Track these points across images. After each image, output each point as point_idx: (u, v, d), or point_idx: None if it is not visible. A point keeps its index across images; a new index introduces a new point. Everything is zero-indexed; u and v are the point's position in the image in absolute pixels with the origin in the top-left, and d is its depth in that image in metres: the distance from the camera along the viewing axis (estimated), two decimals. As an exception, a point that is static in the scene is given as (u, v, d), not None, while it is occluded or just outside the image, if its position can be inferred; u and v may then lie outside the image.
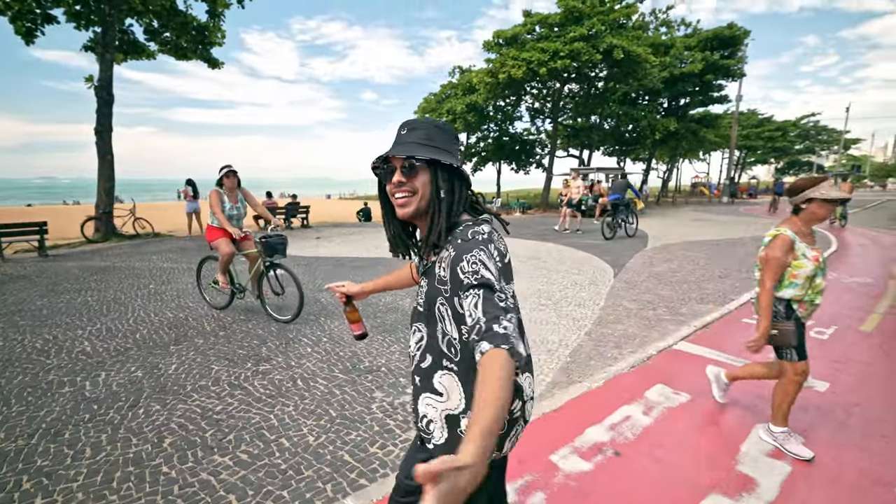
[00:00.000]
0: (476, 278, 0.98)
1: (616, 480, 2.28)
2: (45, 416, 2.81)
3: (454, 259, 1.05)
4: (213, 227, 4.81)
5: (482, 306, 0.94)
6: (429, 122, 1.14)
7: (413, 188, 1.10)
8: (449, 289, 1.08)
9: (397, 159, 1.11)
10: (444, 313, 1.11)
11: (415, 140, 1.11)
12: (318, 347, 4.04)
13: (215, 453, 2.47)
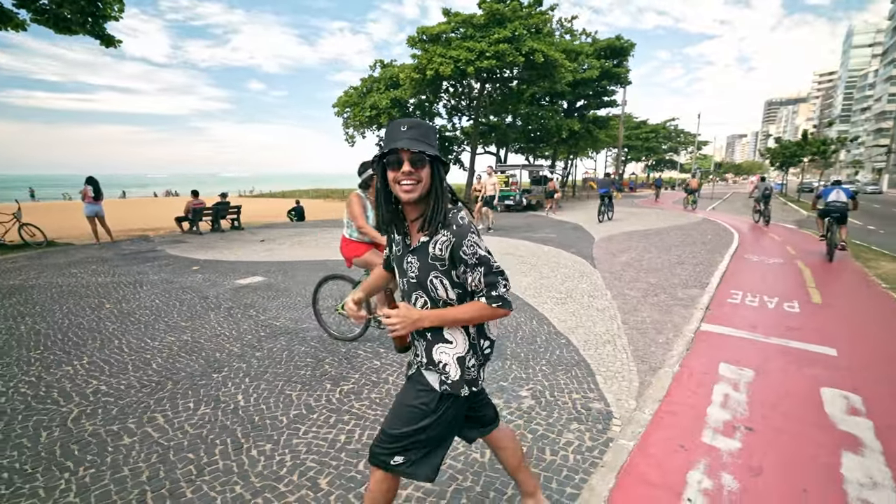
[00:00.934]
0: (477, 258, 1.35)
1: (768, 452, 2.55)
2: (134, 489, 2.26)
3: (455, 245, 1.34)
4: (352, 240, 3.93)
5: (485, 278, 1.36)
6: (422, 122, 1.32)
7: (419, 178, 1.31)
8: (447, 265, 1.38)
9: (406, 152, 1.29)
10: (438, 284, 1.40)
11: (414, 137, 1.30)
12: (385, 357, 3.78)
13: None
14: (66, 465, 2.36)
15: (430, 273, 1.40)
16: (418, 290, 1.44)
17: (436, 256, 1.38)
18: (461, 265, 1.37)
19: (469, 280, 1.39)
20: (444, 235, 1.36)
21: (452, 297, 1.42)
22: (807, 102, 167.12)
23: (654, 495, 2.18)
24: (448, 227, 1.36)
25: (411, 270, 1.43)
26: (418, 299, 1.45)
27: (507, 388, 3.25)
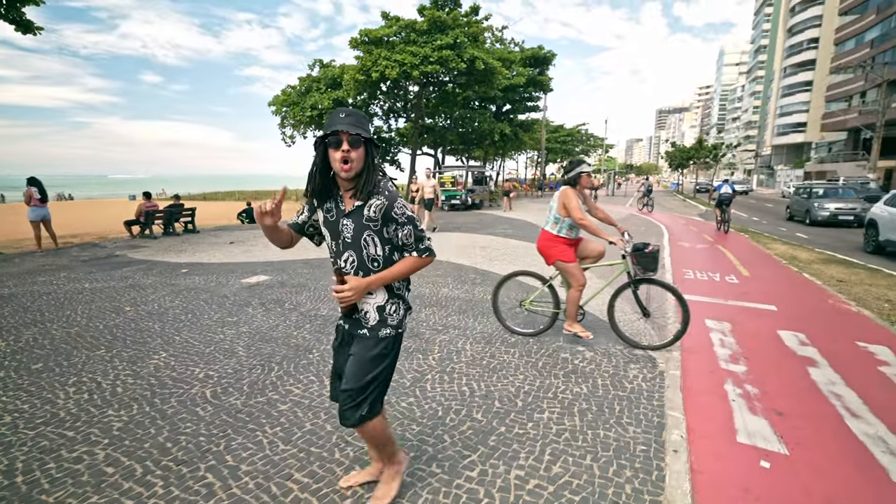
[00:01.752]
0: (406, 217, 1.69)
1: (766, 371, 3.59)
2: (332, 435, 2.67)
3: (387, 207, 1.65)
4: (559, 238, 3.90)
5: (413, 233, 1.71)
6: (357, 111, 1.63)
7: (355, 156, 1.59)
8: (379, 225, 1.67)
9: (345, 133, 1.56)
10: (370, 241, 1.69)
11: (352, 122, 1.57)
12: (594, 348, 4.36)
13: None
14: (252, 427, 2.70)
15: (364, 232, 1.68)
16: (350, 250, 1.71)
17: (370, 218, 1.66)
18: (392, 224, 1.68)
19: (400, 235, 1.70)
20: (377, 200, 1.65)
21: (381, 252, 1.71)
22: (690, 111, 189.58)
23: (711, 400, 3.08)
24: (381, 193, 1.66)
25: (346, 231, 1.69)
26: (349, 257, 1.72)
27: (568, 347, 4.02)
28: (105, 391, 3.17)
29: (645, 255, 3.85)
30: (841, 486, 2.23)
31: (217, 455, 2.42)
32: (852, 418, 2.88)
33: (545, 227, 4.05)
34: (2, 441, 2.55)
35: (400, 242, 1.72)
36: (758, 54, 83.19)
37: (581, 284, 3.91)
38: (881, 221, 9.90)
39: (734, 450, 2.53)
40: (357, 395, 1.73)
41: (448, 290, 5.98)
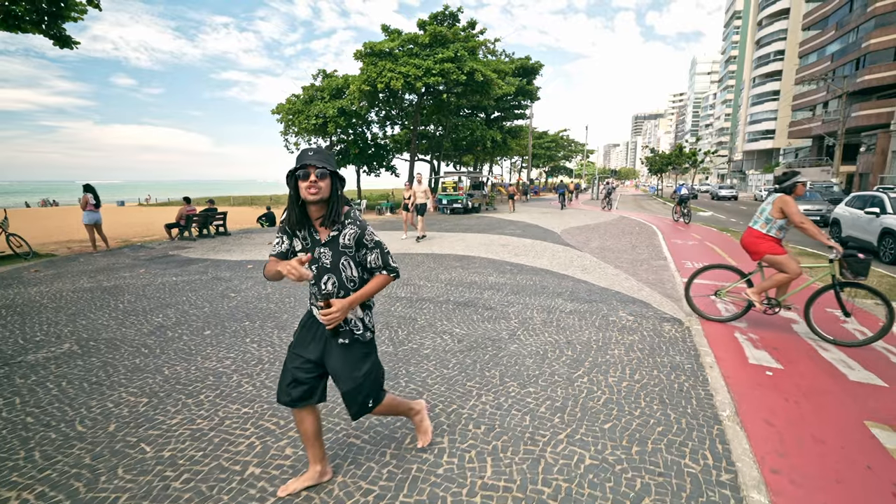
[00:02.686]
0: (374, 243, 1.98)
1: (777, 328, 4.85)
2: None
3: (359, 235, 1.94)
4: (768, 236, 4.41)
5: (381, 257, 2.00)
6: (321, 149, 1.89)
7: (321, 185, 1.85)
8: (353, 250, 1.96)
9: (312, 167, 1.83)
10: (347, 265, 1.96)
11: (318, 158, 1.85)
12: (633, 311, 5.51)
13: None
14: (406, 363, 3.79)
15: (342, 258, 1.94)
16: (329, 273, 1.96)
17: (346, 245, 1.94)
18: (363, 249, 1.96)
19: (370, 258, 1.98)
20: (350, 229, 1.93)
21: (356, 273, 1.99)
22: (665, 118, 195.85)
23: (726, 343, 4.31)
24: (353, 223, 1.94)
25: (325, 258, 1.95)
26: (329, 279, 1.97)
27: (614, 312, 5.22)
28: (277, 346, 4.21)
29: (859, 262, 4.11)
30: (817, 383, 3.47)
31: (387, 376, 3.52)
32: (823, 350, 4.14)
33: (753, 226, 4.56)
34: (249, 373, 3.60)
35: (370, 265, 2.01)
36: (728, 64, 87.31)
37: (796, 273, 4.31)
38: (843, 220, 11.48)
39: (747, 366, 3.76)
40: (359, 391, 2.06)
41: (494, 279, 7.13)
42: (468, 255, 9.41)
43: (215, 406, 3.08)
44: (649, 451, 2.55)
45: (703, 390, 3.29)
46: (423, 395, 3.20)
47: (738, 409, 3.03)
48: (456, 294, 6.08)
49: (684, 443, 2.63)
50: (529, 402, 3.11)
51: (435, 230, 14.23)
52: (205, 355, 3.97)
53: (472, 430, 2.75)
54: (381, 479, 2.32)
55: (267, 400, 3.16)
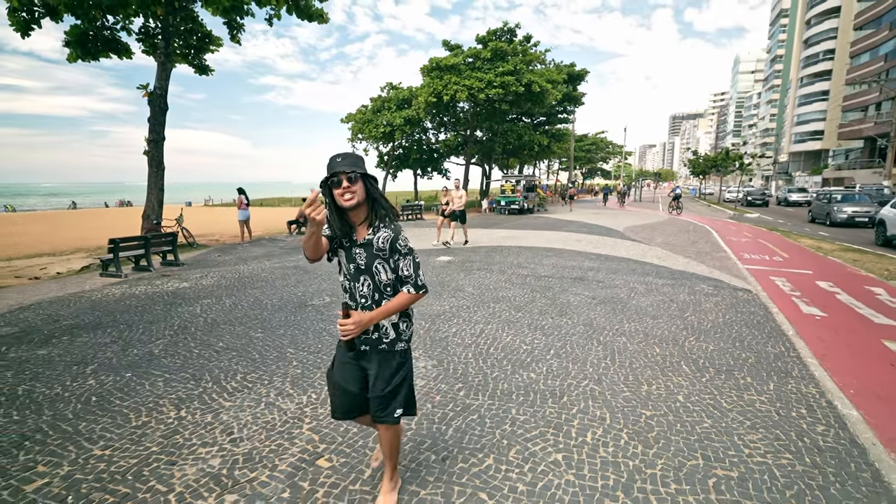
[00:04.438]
0: (407, 249, 1.95)
1: (826, 304, 6.56)
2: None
3: (393, 239, 1.93)
4: None
5: (412, 267, 1.96)
6: (351, 153, 1.90)
7: (354, 190, 1.85)
8: (387, 254, 1.94)
9: (343, 173, 1.83)
10: (381, 269, 1.95)
11: (348, 163, 1.85)
12: (710, 284, 7.38)
13: None
14: (523, 323, 5.74)
15: (376, 260, 1.94)
16: (365, 275, 1.95)
17: (380, 248, 1.92)
18: (397, 254, 1.94)
19: (401, 265, 1.94)
20: (384, 232, 1.92)
21: (391, 277, 1.97)
22: (704, 117, 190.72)
23: (784, 303, 6.06)
24: (388, 226, 1.94)
25: (360, 259, 1.95)
26: (365, 281, 1.96)
27: (697, 285, 7.02)
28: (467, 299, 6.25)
29: None
30: (852, 324, 5.21)
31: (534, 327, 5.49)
32: (858, 309, 5.84)
33: None
34: (471, 320, 5.66)
35: (401, 272, 1.94)
36: (774, 63, 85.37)
37: None
38: (888, 220, 12.69)
39: (802, 315, 5.53)
40: (389, 398, 2.01)
41: (588, 264, 9.00)
42: (553, 247, 11.30)
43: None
44: (743, 346, 4.40)
45: (773, 324, 5.10)
46: (575, 331, 5.13)
47: (797, 331, 4.85)
48: (566, 273, 8.02)
49: (766, 345, 4.47)
50: (662, 325, 5.01)
51: (505, 228, 16.18)
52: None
53: (630, 328, 4.66)
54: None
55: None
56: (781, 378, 3.69)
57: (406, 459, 2.58)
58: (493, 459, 2.59)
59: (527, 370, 3.83)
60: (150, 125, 11.47)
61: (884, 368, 3.98)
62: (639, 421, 3.02)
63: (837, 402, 3.29)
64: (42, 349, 4.37)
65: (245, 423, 3.00)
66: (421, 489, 2.35)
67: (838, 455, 2.64)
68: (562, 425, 2.96)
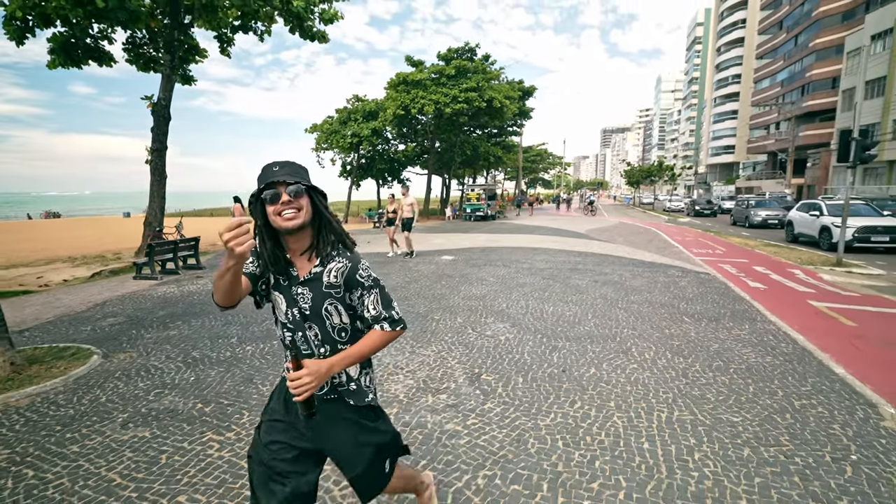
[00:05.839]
0: (372, 280, 1.47)
1: (764, 280, 8.54)
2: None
3: (350, 269, 1.44)
4: None
5: (381, 300, 1.47)
6: (292, 162, 1.44)
7: (299, 206, 1.37)
8: (341, 291, 1.45)
9: (282, 184, 1.36)
10: (333, 311, 1.46)
11: (288, 172, 1.39)
12: (684, 271, 9.02)
13: None
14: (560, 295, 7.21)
15: (326, 301, 1.44)
16: (311, 321, 1.46)
17: (331, 284, 1.43)
18: (357, 288, 1.45)
19: (366, 302, 1.45)
20: (339, 262, 1.44)
21: (346, 321, 1.48)
22: (632, 131, 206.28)
23: (736, 281, 7.94)
24: (342, 254, 1.45)
25: (303, 301, 1.44)
26: (311, 329, 1.46)
27: (667, 271, 8.77)
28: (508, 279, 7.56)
29: None
30: (786, 292, 7.10)
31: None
32: (787, 283, 7.81)
33: None
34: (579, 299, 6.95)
35: (366, 312, 1.47)
36: (691, 84, 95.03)
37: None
38: (795, 221, 15.60)
39: (750, 288, 7.36)
40: (377, 474, 1.54)
41: (574, 259, 10.61)
42: (536, 247, 12.88)
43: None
44: (718, 306, 6.04)
45: (733, 293, 6.86)
46: (597, 302, 6.60)
47: (751, 297, 6.62)
48: (560, 266, 9.54)
49: (733, 305, 6.15)
50: (658, 296, 6.59)
51: (482, 233, 17.68)
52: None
53: (636, 298, 6.17)
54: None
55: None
56: (751, 323, 5.33)
57: (528, 376, 3.82)
58: (595, 369, 3.90)
59: (580, 326, 5.19)
60: (153, 135, 11.75)
61: (812, 314, 5.77)
62: (673, 346, 4.47)
63: (788, 332, 4.95)
64: (167, 332, 5.10)
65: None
66: (564, 383, 3.60)
67: (792, 351, 4.23)
68: (627, 351, 4.34)
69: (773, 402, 3.28)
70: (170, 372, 3.91)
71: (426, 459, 2.59)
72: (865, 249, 12.24)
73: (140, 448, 2.74)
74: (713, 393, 3.44)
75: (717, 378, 3.71)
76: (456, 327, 5.15)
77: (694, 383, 3.61)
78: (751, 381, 3.66)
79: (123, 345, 4.64)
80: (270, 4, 11.60)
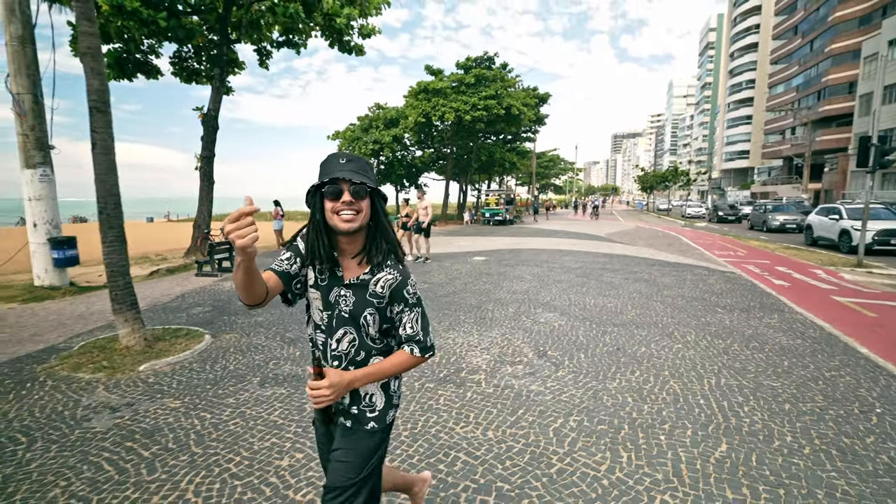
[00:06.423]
0: (416, 299, 1.44)
1: (788, 265, 9.00)
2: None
3: (399, 283, 1.40)
4: None
5: (420, 322, 1.44)
6: (360, 157, 1.37)
7: (359, 208, 1.31)
8: (384, 303, 1.41)
9: (346, 182, 1.30)
10: (371, 320, 1.41)
11: (354, 169, 1.31)
12: (710, 270, 9.55)
13: None
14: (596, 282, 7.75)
15: (367, 309, 1.40)
16: (348, 326, 1.42)
17: (375, 294, 1.40)
18: (401, 304, 1.42)
19: (405, 319, 1.43)
20: (389, 274, 1.40)
21: (377, 333, 1.45)
22: (643, 136, 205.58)
23: (761, 279, 8.41)
24: (394, 268, 1.41)
25: (344, 304, 1.41)
26: (346, 334, 1.43)
27: (694, 270, 9.26)
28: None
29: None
30: (809, 288, 7.56)
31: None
32: (810, 281, 8.26)
33: None
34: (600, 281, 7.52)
35: (402, 329, 1.44)
36: (704, 90, 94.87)
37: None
38: (814, 225, 15.92)
39: (775, 285, 7.83)
40: (354, 495, 1.42)
41: (602, 260, 11.13)
42: (560, 249, 13.42)
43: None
44: (748, 299, 6.54)
45: (760, 289, 7.34)
46: (633, 296, 7.13)
47: (777, 293, 7.10)
48: (590, 265, 10.07)
49: (761, 299, 6.64)
50: (688, 292, 7.10)
51: (503, 236, 18.25)
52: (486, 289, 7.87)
53: (669, 293, 6.69)
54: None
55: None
56: (779, 313, 5.83)
57: (588, 352, 4.38)
58: (645, 348, 4.46)
59: (623, 315, 5.75)
60: (203, 143, 12.56)
61: (836, 307, 6.26)
62: (711, 331, 5.01)
63: (814, 321, 5.45)
64: (254, 318, 5.75)
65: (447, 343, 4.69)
66: (621, 358, 4.15)
67: (819, 335, 4.74)
68: (670, 335, 4.89)
69: (806, 373, 3.81)
70: (276, 348, 4.55)
71: (521, 410, 3.18)
72: (885, 252, 12.58)
73: (285, 400, 3.37)
74: (753, 366, 3.98)
75: (755, 355, 4.25)
76: (510, 316, 5.73)
77: (735, 359, 4.16)
78: (785, 357, 4.19)
79: (223, 328, 5.30)
80: (314, 21, 12.37)
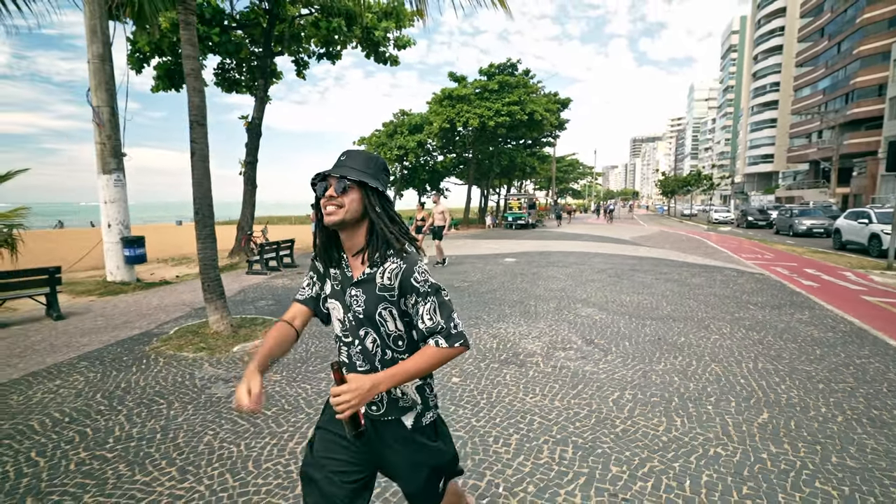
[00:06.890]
0: (429, 286, 1.31)
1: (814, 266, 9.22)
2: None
3: (405, 271, 1.30)
4: None
5: (440, 311, 1.31)
6: (361, 152, 1.35)
7: (341, 202, 1.29)
8: (395, 295, 1.32)
9: (333, 178, 1.31)
10: (387, 316, 1.34)
11: (351, 165, 1.32)
12: (732, 272, 9.85)
13: None
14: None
15: (380, 305, 1.34)
16: (366, 326, 1.36)
17: (384, 286, 1.33)
18: (412, 294, 1.32)
19: (421, 311, 1.31)
20: (393, 263, 1.33)
21: (401, 327, 1.37)
22: (663, 140, 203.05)
23: (790, 279, 8.65)
24: (397, 256, 1.33)
25: (357, 304, 1.35)
26: (367, 335, 1.37)
27: (723, 271, 9.53)
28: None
29: None
30: (839, 289, 7.79)
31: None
32: (840, 282, 8.47)
33: None
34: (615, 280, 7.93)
35: (420, 322, 1.32)
36: (726, 93, 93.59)
37: None
38: (843, 229, 15.90)
39: (805, 286, 8.08)
40: (430, 493, 1.46)
41: (630, 262, 11.44)
42: (587, 251, 13.75)
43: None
44: (779, 298, 6.83)
45: (789, 289, 7.60)
46: (666, 294, 7.46)
47: (807, 293, 7.37)
48: (619, 267, 10.41)
49: (791, 298, 6.92)
50: (719, 291, 7.41)
51: (527, 240, 18.63)
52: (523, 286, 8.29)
53: (701, 292, 7.01)
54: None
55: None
56: (810, 310, 6.13)
57: (632, 341, 4.78)
58: (684, 338, 4.85)
59: (659, 310, 6.12)
60: (247, 149, 13.32)
61: (865, 305, 6.52)
62: (745, 324, 5.37)
63: (844, 317, 5.74)
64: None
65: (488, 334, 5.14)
66: (663, 346, 4.55)
67: (849, 329, 5.05)
68: (706, 328, 5.26)
69: (837, 360, 4.16)
70: (346, 335, 5.07)
71: (581, 385, 3.62)
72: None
73: (370, 375, 3.87)
74: (787, 353, 4.34)
75: (788, 345, 4.60)
76: (552, 310, 6.16)
77: (770, 347, 4.52)
78: (817, 347, 4.53)
79: (292, 318, 5.86)
80: (353, 34, 13.05)
